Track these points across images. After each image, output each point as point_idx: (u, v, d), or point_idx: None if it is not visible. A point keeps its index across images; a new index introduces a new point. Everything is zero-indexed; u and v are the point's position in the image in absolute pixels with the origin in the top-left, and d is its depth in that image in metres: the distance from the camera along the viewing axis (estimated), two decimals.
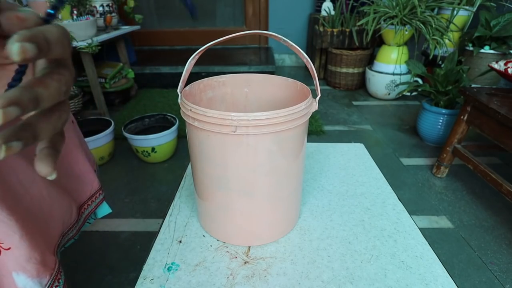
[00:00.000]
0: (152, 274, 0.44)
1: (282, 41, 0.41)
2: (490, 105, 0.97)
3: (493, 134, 0.99)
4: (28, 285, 0.36)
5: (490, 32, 1.58)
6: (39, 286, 0.37)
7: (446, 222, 1.03)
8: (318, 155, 0.72)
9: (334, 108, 1.94)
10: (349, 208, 0.56)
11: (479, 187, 1.20)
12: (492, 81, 1.63)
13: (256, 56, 2.47)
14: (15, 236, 0.34)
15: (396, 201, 0.57)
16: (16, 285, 0.35)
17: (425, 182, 1.23)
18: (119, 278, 0.84)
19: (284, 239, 0.51)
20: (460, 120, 1.14)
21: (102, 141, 1.29)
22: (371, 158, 0.70)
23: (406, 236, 0.50)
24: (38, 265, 0.36)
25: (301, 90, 0.48)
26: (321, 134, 1.61)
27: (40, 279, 0.37)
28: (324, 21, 2.26)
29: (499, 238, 0.96)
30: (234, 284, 0.43)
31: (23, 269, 0.35)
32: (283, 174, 0.43)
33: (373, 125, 1.72)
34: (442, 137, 1.41)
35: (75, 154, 0.46)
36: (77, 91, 1.66)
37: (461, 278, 0.83)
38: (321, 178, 0.65)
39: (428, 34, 1.72)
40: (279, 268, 0.46)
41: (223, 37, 0.39)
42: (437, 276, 0.43)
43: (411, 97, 2.10)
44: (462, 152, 1.14)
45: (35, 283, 0.36)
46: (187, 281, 0.43)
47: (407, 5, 1.78)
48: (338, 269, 0.46)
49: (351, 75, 2.20)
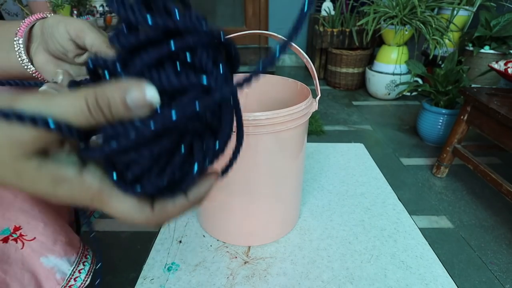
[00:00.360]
0: (152, 274, 0.44)
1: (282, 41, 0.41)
2: (490, 105, 0.97)
3: (493, 134, 0.99)
4: (57, 264, 0.37)
5: (490, 32, 1.58)
6: (68, 263, 0.39)
7: (446, 222, 1.03)
8: (318, 155, 0.72)
9: (334, 108, 1.94)
10: (349, 208, 0.56)
11: (479, 187, 1.20)
12: (492, 81, 1.63)
13: (256, 56, 2.47)
14: (39, 225, 0.35)
15: (396, 201, 0.57)
16: (45, 267, 0.37)
17: (425, 182, 1.23)
18: (119, 278, 0.84)
19: (284, 239, 0.51)
20: (460, 120, 1.14)
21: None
22: (371, 158, 0.70)
23: (406, 236, 0.50)
24: (65, 245, 0.38)
25: (301, 90, 0.48)
26: (321, 134, 1.61)
27: (68, 257, 0.39)
28: (324, 21, 2.26)
29: (499, 238, 0.96)
30: (234, 284, 0.43)
31: (51, 251, 0.37)
32: (283, 174, 0.43)
33: (373, 125, 1.72)
34: (442, 137, 1.41)
35: None
36: None
37: (461, 278, 0.83)
38: (321, 178, 0.65)
39: (428, 34, 1.72)
40: (279, 268, 0.46)
41: None
42: (437, 276, 0.43)
43: (411, 97, 2.10)
44: (462, 152, 1.14)
45: (64, 261, 0.38)
46: (187, 281, 0.43)
47: (407, 5, 1.78)
48: (338, 269, 0.46)
49: (351, 75, 2.20)
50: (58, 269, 0.38)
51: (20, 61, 0.31)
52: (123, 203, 0.20)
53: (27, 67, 0.31)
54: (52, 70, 0.31)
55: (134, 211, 0.20)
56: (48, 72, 0.31)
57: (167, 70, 0.19)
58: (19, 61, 0.31)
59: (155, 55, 0.18)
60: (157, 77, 0.18)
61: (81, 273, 0.40)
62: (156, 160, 0.19)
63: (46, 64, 0.31)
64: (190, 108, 0.17)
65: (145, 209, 0.20)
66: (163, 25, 0.18)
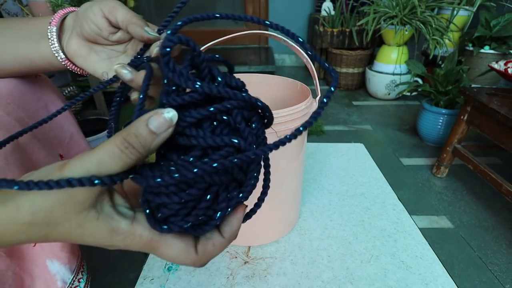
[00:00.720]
0: (152, 274, 0.44)
1: (282, 41, 0.41)
2: (490, 105, 0.97)
3: (493, 134, 0.99)
4: (61, 271, 0.39)
5: (490, 32, 1.58)
6: (69, 272, 0.40)
7: (446, 222, 1.03)
8: (318, 155, 0.72)
9: (334, 108, 1.94)
10: (349, 208, 0.56)
11: (479, 187, 1.20)
12: (492, 81, 1.63)
13: (256, 56, 2.47)
14: None
15: (396, 201, 0.57)
16: (50, 272, 0.38)
17: (425, 182, 1.23)
18: (119, 278, 0.84)
19: (284, 239, 0.51)
20: (460, 120, 1.14)
21: (102, 141, 1.30)
22: (371, 158, 0.70)
23: (406, 236, 0.50)
24: (69, 253, 0.40)
25: (301, 90, 0.48)
26: (321, 134, 1.61)
27: (70, 265, 0.40)
28: (324, 21, 2.26)
29: (499, 238, 0.96)
30: (234, 284, 0.43)
31: (57, 257, 0.38)
32: (283, 174, 0.43)
33: (373, 125, 1.72)
34: (442, 137, 1.41)
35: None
36: (77, 91, 1.66)
37: (461, 278, 0.83)
38: (321, 178, 0.65)
39: (428, 34, 1.72)
40: (279, 268, 0.46)
41: (223, 37, 0.40)
42: (437, 276, 0.43)
43: (411, 97, 2.10)
44: (462, 152, 1.14)
45: (67, 269, 0.40)
46: (187, 281, 0.43)
47: (407, 5, 1.78)
48: (338, 269, 0.46)
49: (351, 75, 2.20)
50: (60, 276, 0.38)
51: (52, 49, 0.33)
52: (171, 248, 0.23)
53: (58, 55, 0.33)
54: (85, 53, 0.33)
55: (182, 254, 0.23)
56: (81, 56, 0.33)
57: (204, 129, 0.22)
58: (51, 48, 0.33)
59: (197, 115, 0.21)
60: (195, 134, 0.22)
61: (80, 283, 0.41)
62: (184, 205, 0.22)
63: (79, 49, 0.33)
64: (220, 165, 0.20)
65: (190, 252, 0.23)
66: (207, 91, 0.21)
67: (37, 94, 0.40)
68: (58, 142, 0.43)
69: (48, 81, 0.44)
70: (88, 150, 0.20)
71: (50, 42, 0.33)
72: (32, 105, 0.39)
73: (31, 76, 0.39)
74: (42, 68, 0.35)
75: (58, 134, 0.43)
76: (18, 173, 0.33)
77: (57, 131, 0.43)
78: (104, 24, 0.32)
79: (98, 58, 0.34)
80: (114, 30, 0.33)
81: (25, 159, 0.35)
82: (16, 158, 0.34)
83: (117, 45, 0.34)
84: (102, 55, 0.34)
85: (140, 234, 0.22)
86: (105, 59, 0.34)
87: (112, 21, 0.32)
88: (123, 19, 0.31)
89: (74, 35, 0.33)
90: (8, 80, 0.36)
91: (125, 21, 0.31)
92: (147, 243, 0.22)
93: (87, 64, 0.34)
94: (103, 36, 0.33)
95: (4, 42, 0.33)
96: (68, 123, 0.45)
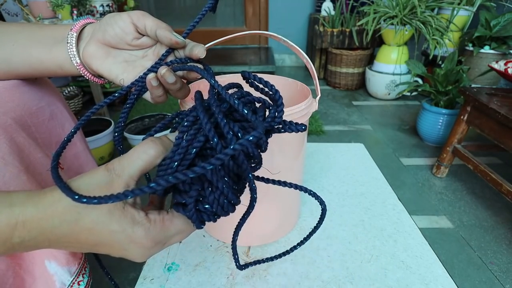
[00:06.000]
0: (152, 274, 0.44)
1: (282, 41, 0.41)
2: (490, 105, 0.97)
3: (493, 134, 0.99)
4: (58, 272, 0.38)
5: (490, 32, 1.58)
6: (68, 274, 0.40)
7: (446, 222, 1.03)
8: (318, 155, 0.72)
9: (334, 108, 1.94)
10: (349, 208, 0.56)
11: (479, 187, 1.20)
12: (492, 81, 1.63)
13: (256, 56, 2.47)
14: None
15: (396, 201, 0.57)
16: (48, 272, 0.38)
17: (425, 182, 1.23)
18: (119, 278, 0.84)
19: (284, 239, 0.51)
20: (460, 120, 1.14)
21: (102, 141, 1.29)
22: (371, 158, 0.70)
23: (406, 236, 0.50)
24: (68, 254, 0.39)
25: (301, 90, 0.48)
26: (321, 134, 1.61)
27: (69, 267, 0.40)
28: (324, 21, 2.26)
29: (499, 238, 0.96)
30: (234, 284, 0.43)
31: (54, 257, 0.38)
32: (283, 174, 0.43)
33: (373, 125, 1.72)
34: (442, 137, 1.41)
35: (84, 155, 0.48)
36: (77, 91, 1.66)
37: (461, 278, 0.83)
38: (321, 178, 0.65)
39: (428, 34, 1.72)
40: (279, 268, 0.46)
41: (223, 37, 0.40)
42: (437, 276, 0.43)
43: (411, 97, 2.10)
44: (462, 152, 1.14)
45: (65, 271, 0.39)
46: (187, 281, 0.43)
47: (407, 5, 1.78)
48: (338, 269, 0.46)
49: (351, 75, 2.20)
50: (58, 278, 0.38)
51: (70, 53, 0.34)
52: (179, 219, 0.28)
53: (73, 59, 0.35)
54: (103, 56, 0.34)
55: (186, 222, 0.28)
56: (98, 58, 0.34)
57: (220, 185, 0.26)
58: (68, 53, 0.34)
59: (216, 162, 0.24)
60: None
61: (80, 285, 0.41)
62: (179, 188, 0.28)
63: (97, 51, 0.34)
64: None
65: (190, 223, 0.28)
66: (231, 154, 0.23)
67: (39, 94, 0.41)
68: (57, 142, 0.43)
69: (48, 81, 0.44)
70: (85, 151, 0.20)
71: (69, 47, 0.34)
72: (33, 104, 0.39)
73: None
74: (51, 71, 0.36)
75: (59, 134, 0.43)
76: (17, 173, 0.34)
77: (57, 131, 0.43)
78: (131, 29, 0.33)
79: (114, 60, 0.35)
80: (139, 36, 0.34)
81: (23, 159, 0.35)
82: (14, 158, 0.34)
83: (136, 50, 0.36)
84: (119, 58, 0.35)
85: (154, 219, 0.26)
86: (121, 62, 0.35)
87: (140, 27, 0.33)
88: (152, 24, 0.33)
89: (93, 41, 0.34)
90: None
91: (154, 27, 0.33)
92: (161, 226, 0.26)
93: (103, 66, 0.34)
94: (126, 41, 0.34)
95: (15, 44, 0.34)
96: (68, 123, 0.46)
